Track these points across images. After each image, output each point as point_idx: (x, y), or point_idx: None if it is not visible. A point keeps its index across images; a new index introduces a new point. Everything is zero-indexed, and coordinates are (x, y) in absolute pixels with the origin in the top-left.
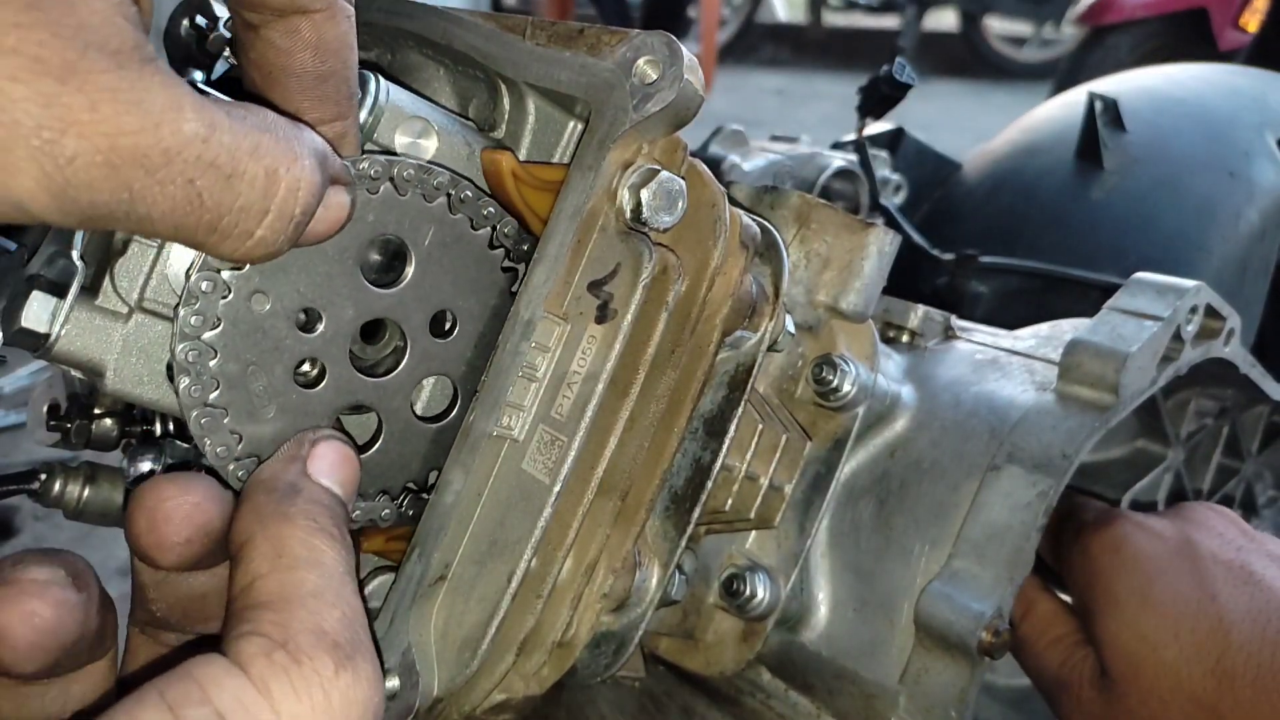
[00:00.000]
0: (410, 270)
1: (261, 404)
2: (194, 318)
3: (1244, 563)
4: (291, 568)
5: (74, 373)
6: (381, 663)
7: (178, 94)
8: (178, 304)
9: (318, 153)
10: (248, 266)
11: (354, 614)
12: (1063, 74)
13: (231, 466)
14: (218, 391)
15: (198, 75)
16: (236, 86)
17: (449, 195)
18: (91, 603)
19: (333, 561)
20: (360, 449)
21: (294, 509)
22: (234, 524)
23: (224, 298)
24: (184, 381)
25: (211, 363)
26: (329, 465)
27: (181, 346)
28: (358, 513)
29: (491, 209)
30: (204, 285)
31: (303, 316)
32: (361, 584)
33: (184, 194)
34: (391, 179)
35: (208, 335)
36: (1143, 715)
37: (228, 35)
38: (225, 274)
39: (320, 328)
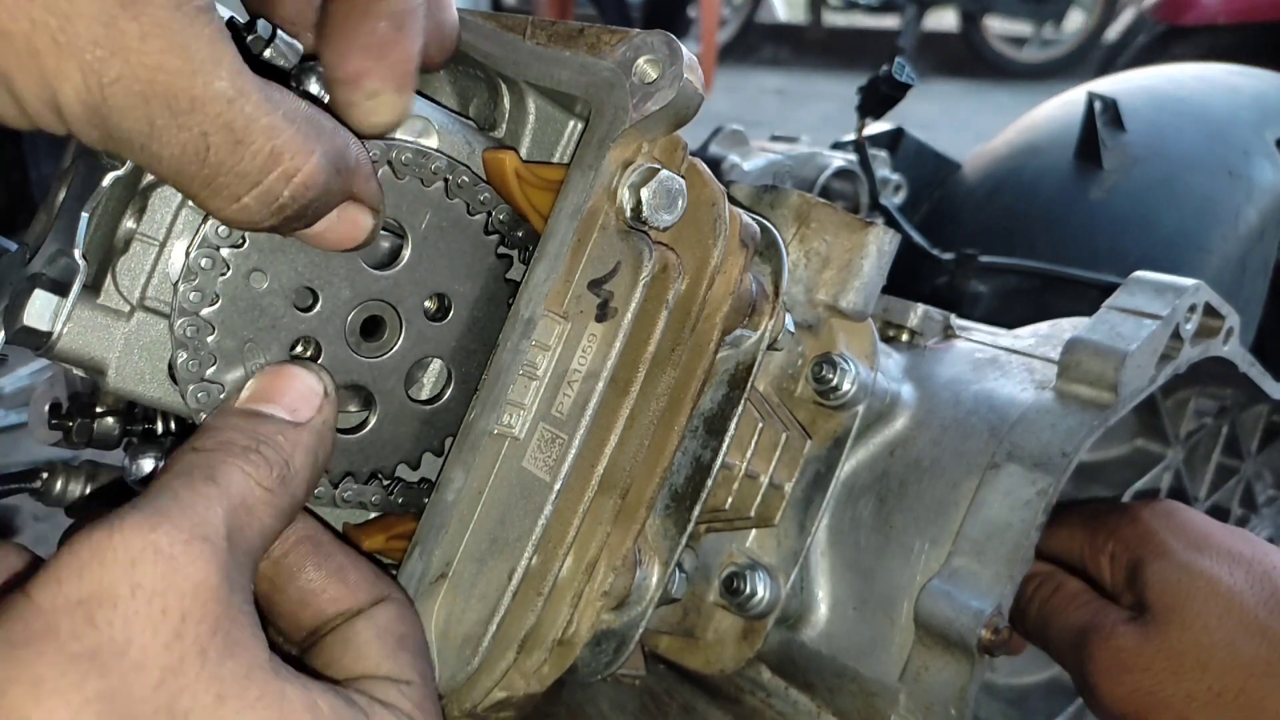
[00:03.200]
0: (407, 253)
1: None
2: (193, 293)
3: None
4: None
5: (76, 371)
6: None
7: (221, 51)
8: (177, 280)
9: (336, 159)
10: (247, 244)
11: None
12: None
13: None
14: (215, 367)
15: None
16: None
17: (446, 180)
18: None
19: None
20: (354, 429)
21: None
22: None
23: (222, 274)
24: (181, 356)
25: (209, 338)
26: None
27: (180, 322)
28: (349, 493)
29: (487, 195)
30: (203, 262)
31: (300, 296)
32: None
33: (195, 144)
34: (390, 163)
35: (206, 311)
36: (1182, 644)
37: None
38: (224, 251)
39: (317, 307)
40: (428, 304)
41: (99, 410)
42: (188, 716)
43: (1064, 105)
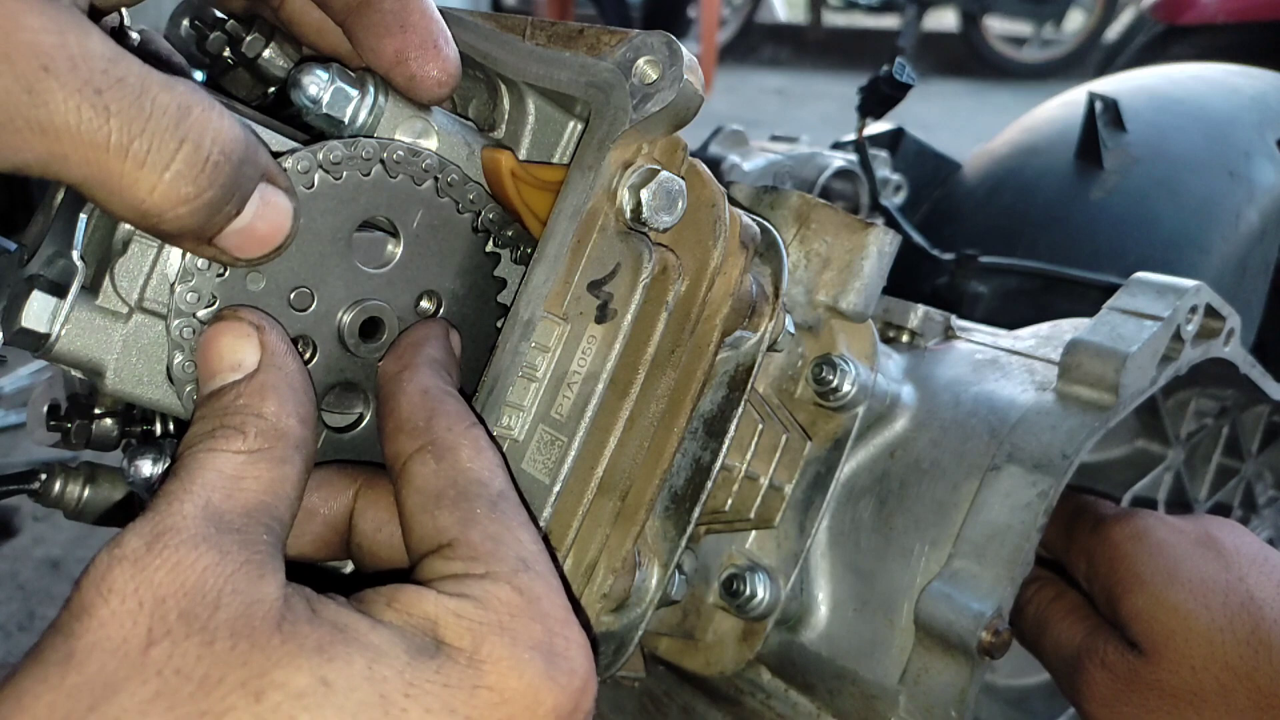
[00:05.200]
0: (399, 252)
1: None
2: (189, 294)
3: (1265, 556)
4: None
5: (74, 373)
6: None
7: (88, 25)
8: (174, 281)
9: (242, 128)
10: None
11: None
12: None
13: None
14: None
15: (197, 75)
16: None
17: (436, 179)
18: None
19: None
20: (348, 428)
21: None
22: None
23: (219, 275)
24: (178, 357)
25: None
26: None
27: (176, 323)
28: None
29: (475, 194)
30: (200, 262)
31: (295, 295)
32: None
33: (90, 104)
34: (383, 161)
35: (203, 313)
36: (1174, 683)
37: (226, 36)
38: None
39: (313, 306)
40: (419, 302)
41: (97, 412)
42: (210, 685)
43: (1064, 105)
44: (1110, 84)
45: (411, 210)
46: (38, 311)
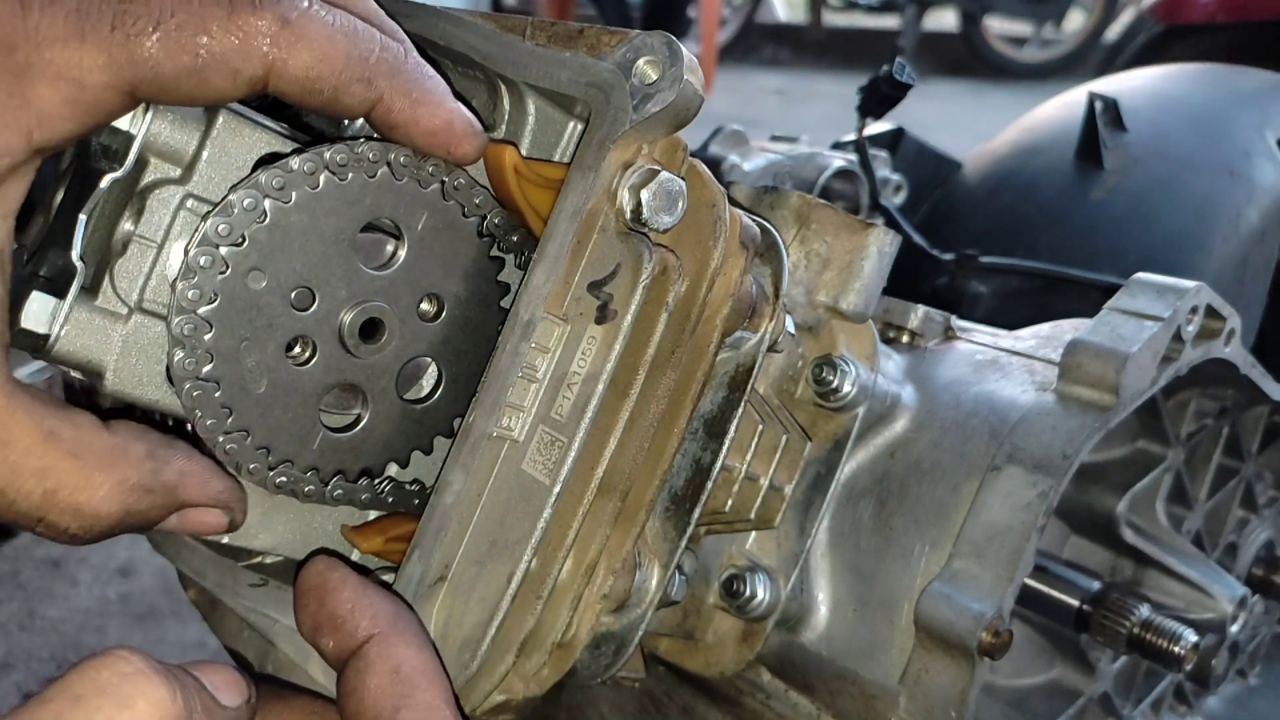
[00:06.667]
0: (402, 254)
1: (253, 379)
2: (191, 291)
3: None
4: None
5: (74, 373)
6: None
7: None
8: (176, 278)
9: (139, 485)
10: (246, 243)
11: None
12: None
13: (221, 439)
14: (211, 365)
15: None
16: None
17: (442, 182)
18: None
19: None
20: (346, 428)
21: None
22: None
23: (221, 273)
24: (178, 355)
25: (206, 336)
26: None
27: (177, 320)
28: (339, 491)
29: (481, 199)
30: (203, 260)
31: (296, 295)
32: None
33: None
34: (389, 163)
35: (204, 310)
36: None
37: None
38: (224, 250)
39: (314, 306)
40: (421, 304)
41: None
42: None
43: (1064, 105)
44: (1110, 84)
45: (417, 213)
46: (37, 312)
